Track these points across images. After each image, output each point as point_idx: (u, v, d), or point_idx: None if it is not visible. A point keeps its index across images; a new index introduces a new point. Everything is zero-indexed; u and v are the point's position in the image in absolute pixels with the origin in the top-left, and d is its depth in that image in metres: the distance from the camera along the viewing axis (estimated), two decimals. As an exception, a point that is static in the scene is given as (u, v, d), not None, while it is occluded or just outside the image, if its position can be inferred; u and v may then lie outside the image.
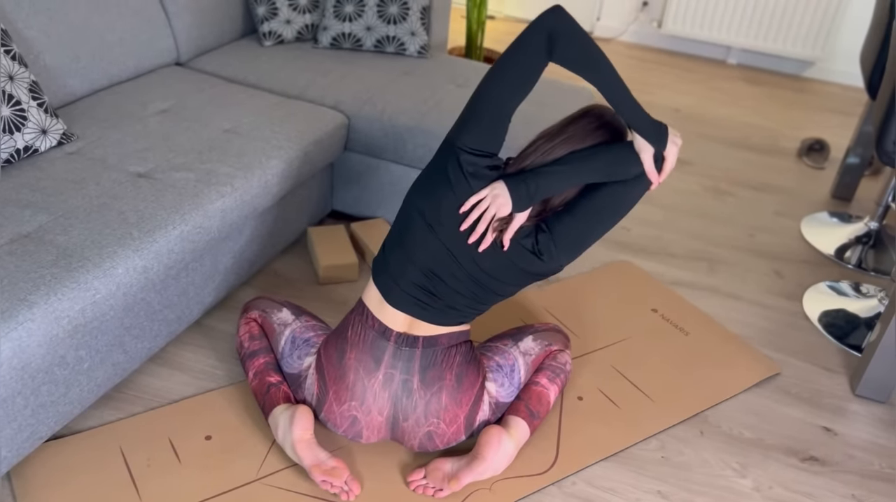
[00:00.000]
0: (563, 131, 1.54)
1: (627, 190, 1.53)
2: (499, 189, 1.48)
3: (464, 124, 1.51)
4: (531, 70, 1.46)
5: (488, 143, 1.50)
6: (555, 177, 1.48)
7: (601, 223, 1.55)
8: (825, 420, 1.94)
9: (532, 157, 1.53)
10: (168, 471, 1.61)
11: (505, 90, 1.47)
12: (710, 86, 4.08)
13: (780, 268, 2.55)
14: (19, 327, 1.36)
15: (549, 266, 1.56)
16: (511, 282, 1.58)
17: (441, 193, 1.51)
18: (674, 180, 3.04)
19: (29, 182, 1.72)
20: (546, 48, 1.43)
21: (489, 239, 1.50)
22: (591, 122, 1.55)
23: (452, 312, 1.59)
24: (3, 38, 1.79)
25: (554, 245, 1.53)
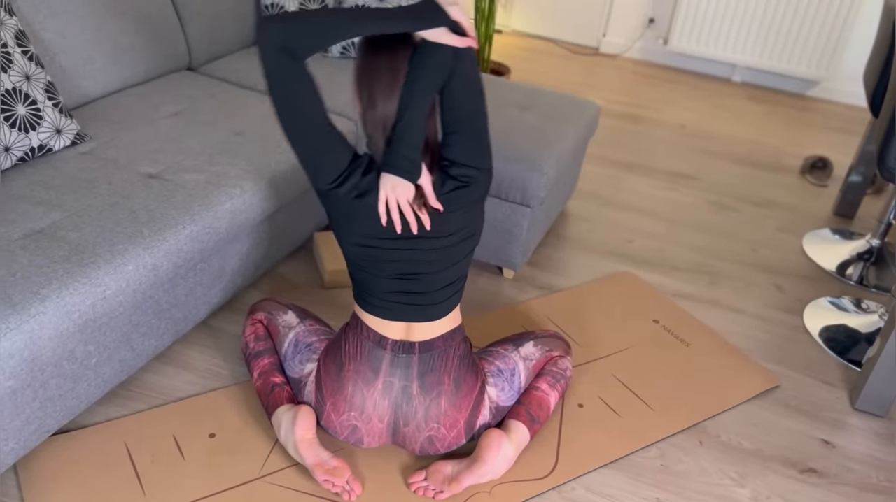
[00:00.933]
0: (364, 83, 1.45)
1: (462, 72, 1.43)
2: (388, 181, 1.44)
3: (307, 172, 1.48)
4: (293, 81, 1.37)
5: (339, 164, 1.45)
6: (410, 129, 1.41)
7: (476, 114, 1.48)
8: (824, 432, 1.95)
9: (375, 131, 1.46)
10: (172, 468, 1.63)
11: (298, 119, 1.41)
12: (714, 103, 4.12)
13: (781, 282, 2.57)
14: (31, 320, 1.38)
15: (481, 183, 1.52)
16: (470, 222, 1.55)
17: (357, 224, 1.50)
18: (678, 195, 3.07)
19: (43, 180, 1.75)
20: (289, 58, 1.34)
21: (424, 216, 1.48)
22: (379, 56, 1.43)
23: (440, 295, 1.59)
24: (20, 38, 1.83)
25: (467, 166, 1.49)
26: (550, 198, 2.42)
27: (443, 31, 1.39)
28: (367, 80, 1.45)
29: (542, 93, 2.62)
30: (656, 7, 4.47)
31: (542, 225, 2.45)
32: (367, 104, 1.46)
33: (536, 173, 2.17)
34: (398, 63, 1.42)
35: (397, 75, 1.42)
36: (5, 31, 1.78)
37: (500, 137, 2.26)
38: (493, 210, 2.27)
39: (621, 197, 3.01)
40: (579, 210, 2.87)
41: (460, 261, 1.60)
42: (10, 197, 1.68)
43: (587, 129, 2.54)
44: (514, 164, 2.18)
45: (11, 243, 1.54)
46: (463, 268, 1.63)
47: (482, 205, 1.58)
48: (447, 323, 1.64)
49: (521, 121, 2.38)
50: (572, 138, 2.39)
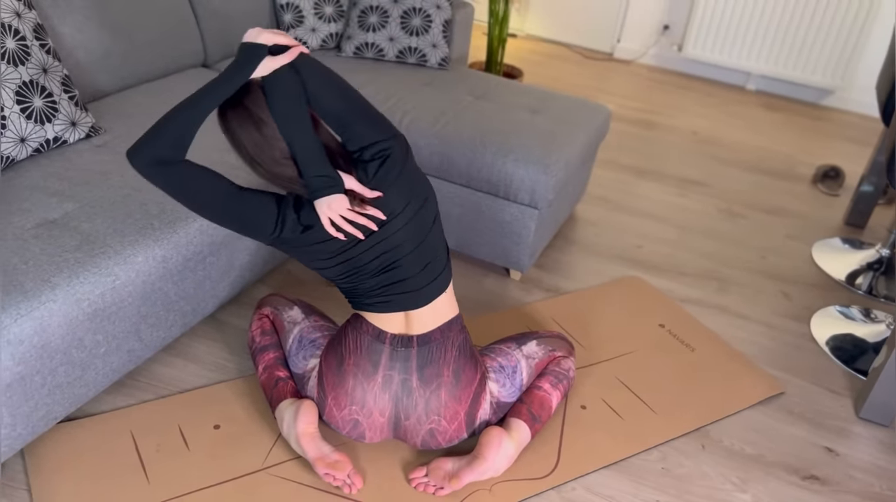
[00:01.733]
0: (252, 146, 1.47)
1: (312, 79, 1.45)
2: (321, 204, 1.47)
3: (247, 235, 1.52)
4: (187, 180, 1.43)
5: (268, 218, 1.49)
6: (304, 151, 1.44)
7: (346, 104, 1.47)
8: (827, 440, 1.95)
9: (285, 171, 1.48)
10: (176, 457, 1.65)
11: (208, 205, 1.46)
12: (727, 110, 4.11)
13: (789, 290, 2.57)
14: (41, 306, 1.41)
15: (394, 150, 1.50)
16: (411, 188, 1.54)
17: (320, 253, 1.53)
18: (688, 201, 3.07)
19: (57, 171, 1.78)
20: (163, 166, 1.40)
21: (374, 211, 1.50)
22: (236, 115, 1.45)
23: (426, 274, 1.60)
24: (38, 32, 1.86)
25: (371, 145, 1.48)
26: (559, 201, 2.43)
27: (269, 60, 1.42)
28: (248, 142, 1.46)
29: (554, 96, 2.64)
30: (671, 13, 4.47)
31: (550, 227, 2.46)
32: (264, 159, 1.47)
33: (545, 175, 2.18)
34: (257, 111, 1.44)
35: (266, 121, 1.44)
36: (24, 24, 1.82)
37: (510, 139, 2.27)
38: (500, 211, 2.29)
39: (631, 202, 3.01)
40: (588, 214, 2.88)
41: (427, 234, 1.59)
42: (25, 187, 1.71)
43: (598, 133, 2.55)
44: (523, 166, 2.20)
45: (25, 232, 1.56)
46: (436, 241, 1.62)
47: (415, 170, 1.57)
48: (444, 312, 1.65)
49: (531, 123, 2.39)
50: (582, 141, 2.40)
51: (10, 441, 1.50)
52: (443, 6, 2.74)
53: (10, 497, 1.53)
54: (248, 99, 1.44)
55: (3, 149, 1.73)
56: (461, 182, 2.29)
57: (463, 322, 1.71)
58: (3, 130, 1.73)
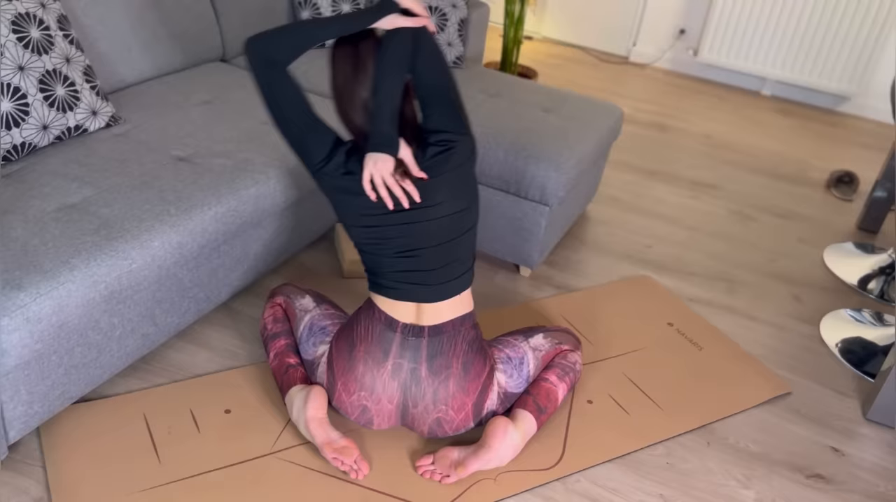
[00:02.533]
0: (337, 78, 1.59)
1: (425, 52, 1.58)
2: (370, 158, 1.53)
3: (299, 155, 1.62)
4: (280, 83, 1.55)
5: (324, 145, 1.58)
6: (383, 107, 1.53)
7: (444, 85, 1.60)
8: (833, 440, 1.95)
9: (353, 115, 1.59)
10: (187, 439, 1.68)
11: (288, 108, 1.57)
12: (742, 115, 4.11)
13: (799, 293, 2.57)
14: (60, 287, 1.45)
15: (462, 146, 1.60)
16: (460, 190, 1.61)
17: (352, 204, 1.59)
18: (700, 203, 3.08)
19: (78, 158, 1.82)
20: (267, 64, 1.53)
21: (410, 188, 1.56)
22: (347, 52, 1.58)
23: (446, 272, 1.63)
24: (62, 22, 1.90)
25: (444, 132, 1.59)
26: (570, 199, 2.45)
27: (397, 17, 1.56)
28: (341, 77, 1.59)
29: (567, 96, 2.66)
30: (687, 18, 4.48)
31: (561, 225, 2.47)
32: (345, 98, 1.59)
33: (556, 172, 2.20)
34: (364, 56, 1.57)
35: (366, 67, 1.57)
36: (48, 15, 1.86)
37: (522, 136, 2.29)
38: (511, 207, 2.31)
39: (643, 203, 3.02)
40: (600, 214, 2.89)
41: (457, 237, 1.63)
42: (46, 172, 1.75)
43: (610, 133, 2.57)
44: (535, 163, 2.22)
45: (45, 215, 1.60)
46: (464, 248, 1.66)
47: (470, 175, 1.64)
48: (457, 307, 1.67)
49: (544, 121, 2.41)
50: (594, 140, 2.41)
51: (26, 418, 1.54)
52: (458, 5, 2.77)
53: (25, 473, 1.56)
54: (363, 43, 1.58)
55: (25, 136, 1.77)
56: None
57: (476, 319, 1.73)
58: (26, 117, 1.77)
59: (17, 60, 1.75)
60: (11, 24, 1.76)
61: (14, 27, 1.76)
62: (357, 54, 1.57)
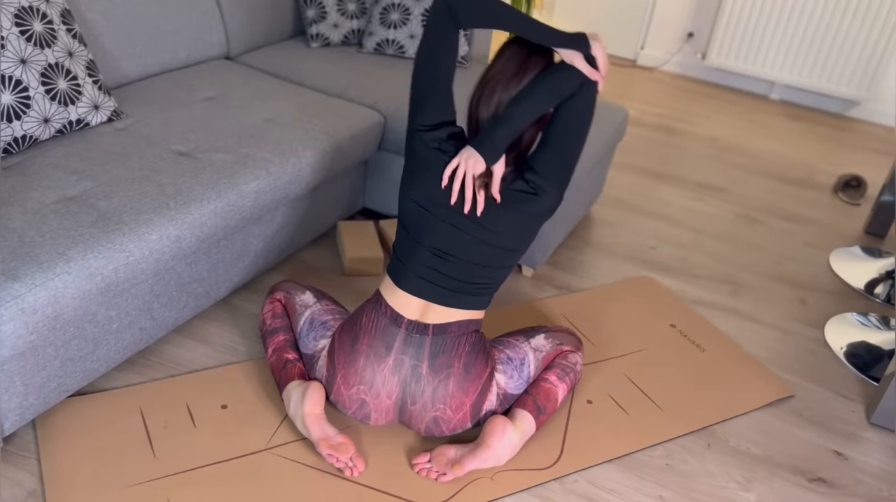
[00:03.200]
0: (494, 73, 1.60)
1: (581, 100, 1.59)
2: (467, 151, 1.57)
3: (413, 107, 1.65)
4: (446, 40, 1.60)
5: (439, 115, 1.63)
6: (512, 119, 1.55)
7: (574, 140, 1.61)
8: (836, 444, 1.93)
9: (482, 110, 1.61)
10: (183, 434, 1.67)
11: (433, 64, 1.61)
12: (750, 119, 4.09)
13: (804, 296, 2.54)
14: (56, 278, 1.44)
15: (547, 200, 1.63)
16: (520, 232, 1.63)
17: (423, 177, 1.62)
18: (705, 205, 3.06)
19: (78, 151, 1.82)
20: (450, 19, 1.58)
21: (481, 199, 1.58)
22: (519, 52, 1.60)
23: (468, 288, 1.64)
24: (65, 16, 1.91)
25: (543, 178, 1.60)
26: (572, 200, 2.43)
27: (580, 58, 1.56)
28: (498, 70, 1.60)
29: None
30: (696, 21, 4.47)
31: (564, 225, 2.46)
32: (487, 89, 1.60)
33: (559, 171, 2.19)
34: (531, 67, 1.59)
35: (523, 76, 1.58)
36: (51, 9, 1.87)
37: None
38: (514, 206, 2.29)
39: (648, 205, 3.01)
40: (604, 215, 2.88)
41: (494, 266, 1.65)
42: (47, 165, 1.75)
43: (614, 134, 2.55)
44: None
45: (44, 207, 1.60)
46: (495, 276, 1.68)
47: (537, 226, 1.66)
48: (466, 313, 1.67)
49: (547, 121, 2.40)
50: (597, 141, 2.40)
51: (21, 410, 1.53)
52: (464, 5, 2.76)
53: (20, 466, 1.56)
54: (536, 55, 1.60)
55: (27, 129, 1.78)
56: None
57: (481, 325, 1.73)
58: (28, 110, 1.77)
59: (19, 53, 1.76)
60: (14, 18, 1.76)
61: (17, 20, 1.77)
62: (527, 61, 1.59)
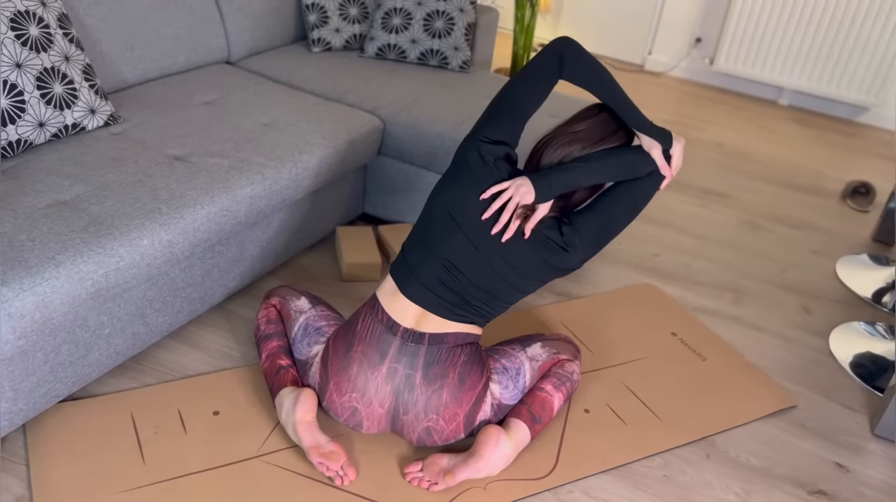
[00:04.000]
0: (578, 129, 1.66)
1: (643, 186, 1.67)
2: (521, 180, 1.59)
3: (486, 119, 1.67)
4: (545, 82, 1.65)
5: (506, 135, 1.65)
6: (575, 172, 1.60)
7: (621, 217, 1.67)
8: (839, 456, 1.89)
9: (550, 153, 1.65)
10: (174, 440, 1.66)
11: (523, 94, 1.66)
12: (758, 124, 4.05)
13: (809, 304, 2.51)
14: (44, 283, 1.44)
15: (572, 259, 1.64)
16: (531, 276, 1.63)
17: (464, 184, 1.62)
18: (710, 212, 3.02)
19: (73, 156, 1.82)
20: (557, 66, 1.63)
21: (513, 227, 1.58)
22: (608, 123, 1.67)
23: (466, 307, 1.62)
24: (63, 21, 1.90)
25: (578, 237, 1.63)
26: (574, 205, 2.41)
27: (658, 148, 1.64)
28: (581, 128, 1.66)
29: (572, 101, 2.62)
30: (704, 26, 4.43)
31: (565, 231, 2.44)
32: (562, 139, 1.66)
33: (558, 177, 2.17)
34: (614, 139, 1.67)
35: (603, 144, 1.65)
36: (48, 13, 1.86)
37: (522, 141, 2.26)
38: (513, 212, 2.28)
39: (650, 211, 2.98)
40: (607, 221, 2.85)
41: (494, 297, 1.64)
42: (41, 169, 1.75)
43: (616, 139, 2.53)
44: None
45: (36, 211, 1.60)
46: (493, 307, 1.67)
47: (550, 278, 1.67)
48: (464, 327, 1.65)
49: (547, 126, 2.38)
50: (599, 146, 2.38)
51: (11, 415, 1.53)
52: (466, 10, 2.75)
53: (9, 471, 1.55)
54: (622, 131, 1.68)
55: (21, 133, 1.77)
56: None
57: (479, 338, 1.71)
58: (22, 114, 1.77)
59: (14, 58, 1.76)
60: (10, 22, 1.76)
61: (13, 24, 1.76)
62: (611, 133, 1.66)
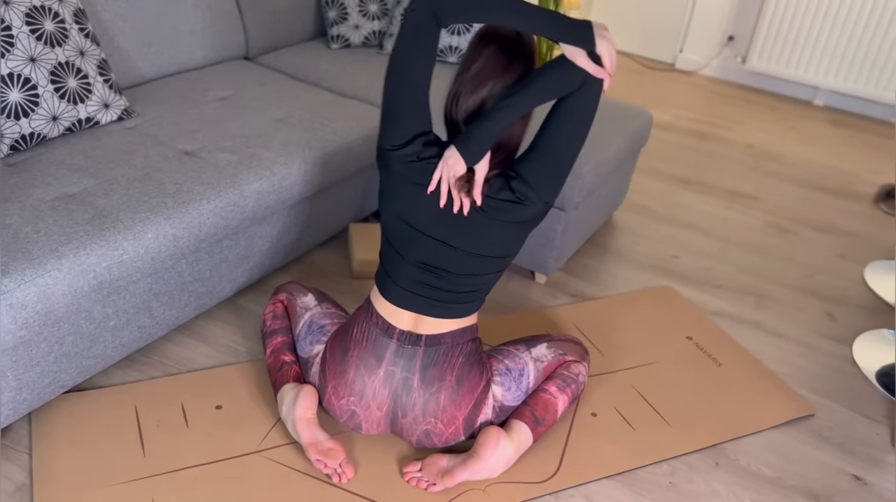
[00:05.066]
0: (476, 71, 1.45)
1: (579, 101, 1.43)
2: (448, 152, 1.45)
3: (385, 124, 1.50)
4: (426, 46, 1.41)
5: (415, 128, 1.48)
6: (496, 116, 1.40)
7: (567, 147, 1.47)
8: (856, 468, 1.83)
9: (462, 109, 1.47)
10: (175, 434, 1.67)
11: (408, 73, 1.43)
12: (791, 125, 3.95)
13: (834, 310, 2.43)
14: (46, 274, 1.45)
15: (534, 208, 1.51)
16: (509, 241, 1.55)
17: (403, 190, 1.52)
18: (735, 214, 2.95)
19: (84, 149, 1.84)
20: (434, 22, 1.39)
21: (460, 202, 1.48)
22: (505, 47, 1.44)
23: (459, 297, 1.59)
24: (79, 16, 1.93)
25: (529, 187, 1.48)
26: (589, 205, 2.37)
27: (582, 55, 1.37)
28: (481, 66, 1.44)
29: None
30: (736, 24, 4.34)
31: (580, 232, 2.40)
32: (468, 87, 1.45)
33: (573, 177, 2.13)
34: (520, 63, 1.44)
35: (512, 74, 1.43)
36: (64, 8, 1.89)
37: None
38: (526, 211, 2.25)
39: (673, 212, 2.92)
40: (626, 222, 2.80)
41: (484, 274, 1.59)
42: (52, 162, 1.77)
43: (635, 138, 2.48)
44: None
45: (43, 204, 1.62)
46: (489, 282, 1.62)
47: (525, 233, 1.56)
48: (459, 321, 1.62)
49: (564, 124, 2.35)
50: (616, 145, 2.33)
51: (15, 404, 1.54)
52: (486, 6, 2.72)
53: (12, 459, 1.57)
54: (530, 46, 1.46)
55: (35, 126, 1.80)
56: (488, 180, 2.26)
57: (476, 332, 1.68)
58: (36, 108, 1.79)
59: (28, 52, 1.78)
60: (25, 17, 1.78)
61: (28, 19, 1.79)
62: (516, 57, 1.44)
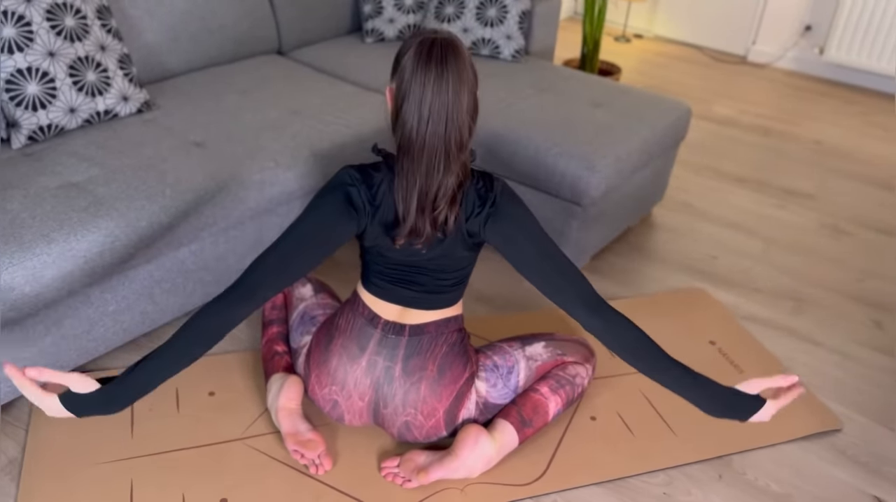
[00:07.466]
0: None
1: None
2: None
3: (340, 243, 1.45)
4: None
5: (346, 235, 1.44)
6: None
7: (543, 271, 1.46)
8: (879, 489, 1.68)
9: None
10: (164, 418, 1.71)
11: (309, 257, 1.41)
12: (868, 120, 3.69)
13: (882, 319, 2.24)
14: (34, 258, 1.51)
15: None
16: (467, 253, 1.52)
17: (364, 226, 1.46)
18: (786, 213, 2.78)
19: (97, 140, 1.91)
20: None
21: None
22: None
23: (442, 289, 1.56)
24: (102, 12, 2.00)
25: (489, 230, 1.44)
26: (615, 202, 2.27)
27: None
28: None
29: (626, 90, 2.48)
30: (814, 13, 4.08)
31: (605, 229, 2.31)
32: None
33: (588, 171, 2.05)
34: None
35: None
36: (87, 5, 1.96)
37: (556, 132, 2.16)
38: (542, 207, 2.18)
39: (718, 210, 2.77)
40: (666, 219, 2.68)
41: (466, 266, 1.56)
42: (65, 152, 1.85)
43: (669, 131, 2.36)
44: (565, 160, 2.08)
45: (46, 191, 1.69)
46: (469, 270, 1.59)
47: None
48: (443, 310, 1.59)
49: (588, 117, 2.27)
50: (643, 138, 2.23)
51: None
52: (520, -3, 2.66)
53: (9, 434, 1.65)
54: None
55: (52, 118, 1.88)
56: (502, 174, 2.21)
57: (463, 322, 1.64)
58: (53, 100, 1.88)
59: (47, 46, 1.86)
60: (46, 13, 1.87)
61: (48, 16, 1.87)
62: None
